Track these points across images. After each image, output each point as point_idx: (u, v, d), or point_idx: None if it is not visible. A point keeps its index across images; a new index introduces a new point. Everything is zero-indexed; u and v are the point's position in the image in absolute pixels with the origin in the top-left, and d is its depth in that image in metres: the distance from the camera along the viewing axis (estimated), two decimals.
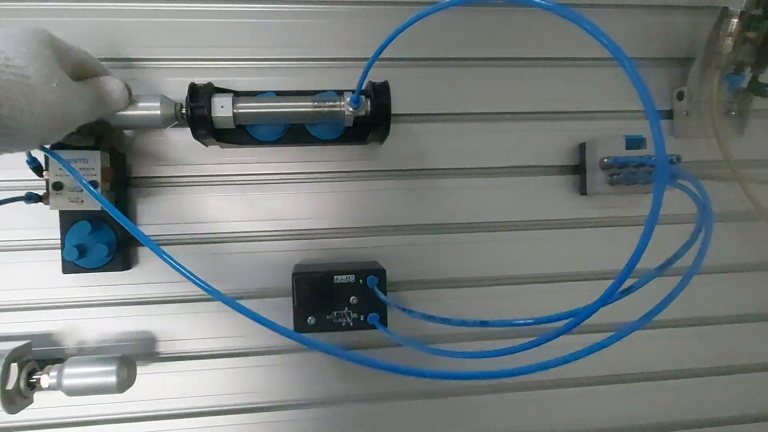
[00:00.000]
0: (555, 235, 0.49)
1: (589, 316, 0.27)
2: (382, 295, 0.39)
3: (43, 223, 0.43)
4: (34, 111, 0.27)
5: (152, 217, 0.46)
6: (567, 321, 0.28)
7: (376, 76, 0.44)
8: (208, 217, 0.46)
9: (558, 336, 0.27)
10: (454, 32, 0.48)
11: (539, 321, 0.28)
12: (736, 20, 0.46)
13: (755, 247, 0.52)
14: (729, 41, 0.46)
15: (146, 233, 0.45)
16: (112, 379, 0.40)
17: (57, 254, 0.43)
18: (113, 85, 0.37)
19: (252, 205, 0.47)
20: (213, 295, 0.27)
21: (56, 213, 0.43)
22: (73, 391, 0.40)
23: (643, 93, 0.22)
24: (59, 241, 0.43)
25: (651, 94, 0.22)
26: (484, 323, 0.33)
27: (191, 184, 0.46)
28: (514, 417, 0.50)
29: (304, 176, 0.47)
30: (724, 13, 0.46)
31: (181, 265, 0.28)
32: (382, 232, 0.48)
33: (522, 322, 0.30)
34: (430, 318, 0.38)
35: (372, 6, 0.47)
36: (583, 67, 0.50)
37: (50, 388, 0.40)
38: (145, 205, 0.46)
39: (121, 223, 0.30)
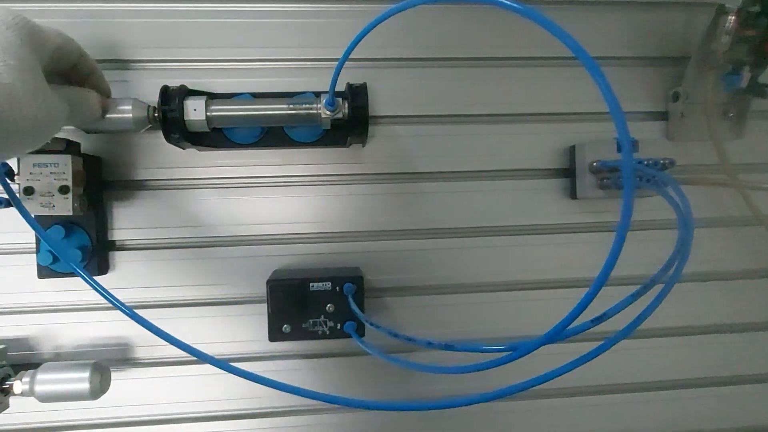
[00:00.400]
0: (544, 240, 0.48)
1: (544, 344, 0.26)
2: (354, 306, 0.38)
3: (18, 227, 0.43)
4: (18, 126, 0.26)
5: (129, 221, 0.45)
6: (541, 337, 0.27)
7: (358, 77, 0.43)
8: (187, 221, 0.45)
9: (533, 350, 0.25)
10: (438, 32, 0.47)
11: (512, 347, 0.27)
12: (733, 17, 0.44)
13: (753, 254, 0.50)
14: (726, 39, 0.44)
15: (123, 237, 0.45)
16: (86, 386, 0.40)
17: (32, 258, 0.42)
18: (91, 99, 0.36)
19: (231, 209, 0.46)
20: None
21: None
22: (45, 398, 0.40)
23: (606, 93, 0.21)
24: (33, 246, 0.42)
25: (615, 94, 0.20)
26: (449, 347, 0.32)
27: (169, 187, 0.45)
28: (503, 427, 0.49)
29: (283, 180, 0.46)
30: (721, 10, 0.44)
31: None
32: (365, 237, 0.47)
33: (491, 348, 0.29)
34: (395, 335, 0.37)
35: (354, 5, 0.46)
36: (571, 67, 0.48)
37: (23, 394, 0.40)
38: (121, 209, 0.45)
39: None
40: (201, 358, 0.31)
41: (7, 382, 0.40)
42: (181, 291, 0.46)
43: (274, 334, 0.39)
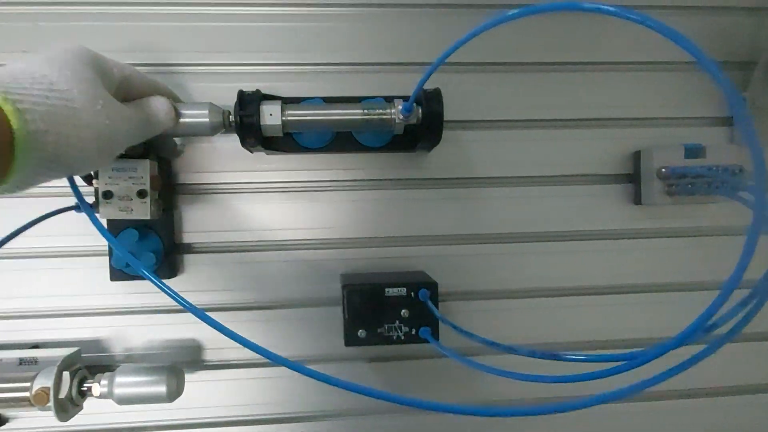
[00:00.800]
0: (608, 246, 0.48)
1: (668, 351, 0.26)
2: (435, 310, 0.39)
3: (91, 230, 0.43)
4: (80, 135, 0.26)
5: (197, 224, 0.45)
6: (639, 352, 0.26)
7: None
8: (254, 224, 0.46)
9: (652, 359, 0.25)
10: (503, 37, 0.47)
11: (630, 357, 0.27)
12: None
13: None
14: None
15: (191, 241, 0.46)
16: (163, 389, 0.40)
17: (104, 261, 0.43)
18: (159, 104, 0.35)
19: (297, 212, 0.46)
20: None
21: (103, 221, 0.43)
22: (123, 400, 0.40)
23: (729, 92, 0.20)
24: (107, 249, 0.43)
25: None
26: (556, 356, 0.32)
27: (237, 191, 0.46)
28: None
29: (349, 184, 0.46)
30: None
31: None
32: (428, 242, 0.47)
33: (606, 357, 0.29)
34: (493, 344, 0.37)
35: (417, 9, 0.46)
36: (636, 72, 0.48)
37: (101, 396, 0.40)
38: (190, 213, 0.45)
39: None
40: (275, 360, 0.30)
41: (85, 384, 0.41)
42: (247, 294, 0.46)
43: (350, 339, 0.40)
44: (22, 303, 0.44)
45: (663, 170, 0.44)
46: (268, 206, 0.46)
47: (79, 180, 0.40)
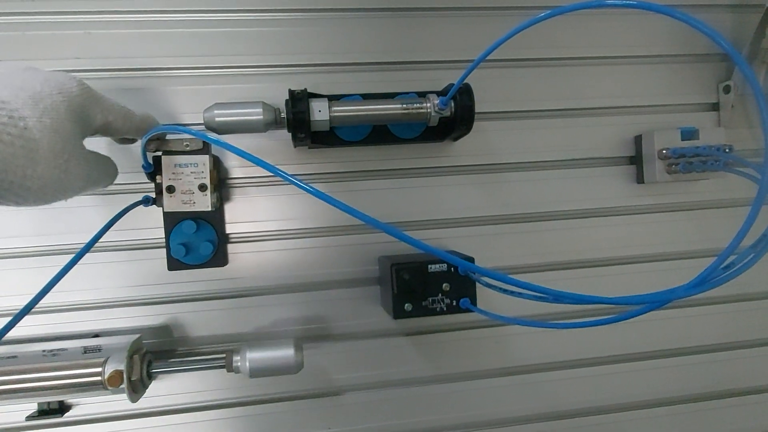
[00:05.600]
0: (616, 222, 0.53)
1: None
2: (482, 279, 0.43)
3: (148, 224, 0.46)
4: (26, 184, 0.26)
5: (242, 214, 0.48)
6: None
7: (445, 77, 0.48)
8: (294, 213, 0.49)
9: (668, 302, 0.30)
10: (518, 37, 0.51)
11: (648, 300, 0.30)
12: None
13: None
14: None
15: (237, 231, 0.49)
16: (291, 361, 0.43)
17: (160, 253, 0.46)
18: (113, 168, 0.37)
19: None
20: None
21: (158, 214, 0.45)
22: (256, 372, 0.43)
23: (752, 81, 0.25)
24: (164, 241, 0.45)
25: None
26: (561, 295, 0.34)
27: (278, 183, 0.49)
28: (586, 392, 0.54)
29: (384, 173, 0.50)
30: None
31: None
32: (457, 224, 0.51)
33: (603, 299, 0.31)
34: (526, 293, 0.39)
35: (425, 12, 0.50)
36: (635, 65, 0.54)
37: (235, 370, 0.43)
38: (235, 203, 0.48)
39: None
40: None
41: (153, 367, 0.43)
42: (289, 278, 0.49)
43: (399, 312, 0.44)
44: (83, 295, 0.46)
45: (664, 151, 0.50)
46: (307, 196, 0.49)
47: (142, 176, 0.43)
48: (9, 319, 0.34)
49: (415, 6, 0.50)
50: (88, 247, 0.36)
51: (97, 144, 0.38)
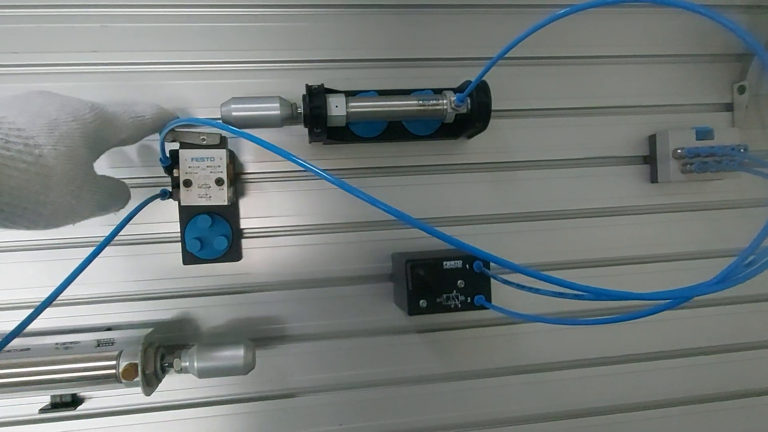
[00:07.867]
0: (629, 221, 0.53)
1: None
2: (498, 277, 0.43)
3: (163, 218, 0.46)
4: (37, 209, 0.26)
5: (256, 209, 0.48)
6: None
7: (458, 75, 0.48)
8: (308, 209, 0.49)
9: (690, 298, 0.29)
10: (534, 35, 0.51)
11: (669, 296, 0.30)
12: None
13: None
14: None
15: (251, 225, 0.49)
16: (240, 362, 0.43)
17: (175, 247, 0.46)
18: (126, 190, 0.38)
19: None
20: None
21: (172, 208, 0.45)
22: (204, 373, 0.43)
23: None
24: (179, 235, 0.45)
25: None
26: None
27: (292, 179, 0.49)
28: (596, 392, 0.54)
29: (398, 170, 0.50)
30: None
31: None
32: (470, 221, 0.51)
33: (647, 296, 0.30)
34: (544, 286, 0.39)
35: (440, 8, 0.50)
36: (649, 64, 0.54)
37: (182, 371, 0.43)
38: (250, 199, 0.48)
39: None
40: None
41: (166, 360, 0.43)
42: (302, 273, 0.49)
43: (413, 308, 0.43)
44: (96, 289, 0.46)
45: (679, 151, 0.50)
46: (322, 192, 0.49)
47: (154, 170, 0.43)
48: (24, 311, 0.34)
49: (431, 3, 0.50)
50: (109, 240, 0.36)
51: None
